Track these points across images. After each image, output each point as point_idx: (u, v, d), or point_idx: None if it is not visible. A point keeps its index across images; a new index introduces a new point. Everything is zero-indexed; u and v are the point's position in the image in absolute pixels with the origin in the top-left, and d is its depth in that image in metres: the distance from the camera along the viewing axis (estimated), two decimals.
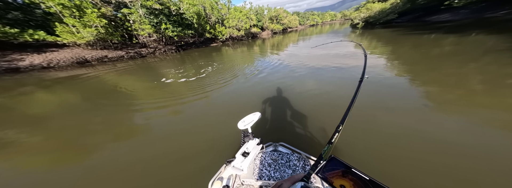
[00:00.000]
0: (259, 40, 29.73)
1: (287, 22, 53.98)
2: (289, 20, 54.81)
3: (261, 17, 47.29)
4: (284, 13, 52.97)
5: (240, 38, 35.09)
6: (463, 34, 9.80)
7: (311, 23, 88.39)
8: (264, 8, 48.64)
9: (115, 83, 8.05)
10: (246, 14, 35.90)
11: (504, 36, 7.95)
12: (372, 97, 4.01)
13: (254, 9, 46.00)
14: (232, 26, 33.11)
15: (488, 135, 2.50)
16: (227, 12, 34.43)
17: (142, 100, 5.68)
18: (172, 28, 21.56)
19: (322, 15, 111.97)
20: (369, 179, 0.48)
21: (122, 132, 3.85)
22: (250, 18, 37.92)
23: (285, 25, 54.22)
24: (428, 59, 6.42)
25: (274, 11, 50.59)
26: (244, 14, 34.62)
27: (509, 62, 4.92)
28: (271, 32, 47.45)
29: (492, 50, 6.37)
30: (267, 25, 47.85)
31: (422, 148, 2.43)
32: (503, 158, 2.10)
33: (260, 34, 42.65)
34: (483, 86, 3.89)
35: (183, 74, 8.84)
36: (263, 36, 39.92)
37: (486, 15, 15.00)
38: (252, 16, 39.60)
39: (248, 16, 37.28)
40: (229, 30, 32.77)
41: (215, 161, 2.42)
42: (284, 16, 52.78)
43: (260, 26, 46.25)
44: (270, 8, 50.04)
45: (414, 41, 10.14)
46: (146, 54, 18.87)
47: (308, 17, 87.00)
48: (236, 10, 35.11)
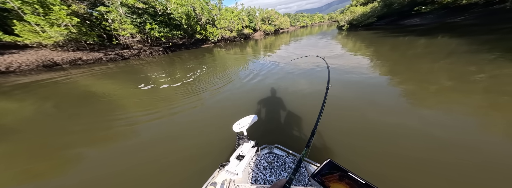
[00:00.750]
0: (252, 41, 29.01)
1: (278, 24, 53.46)
2: (280, 22, 54.33)
3: (253, 18, 46.31)
4: (276, 14, 52.37)
5: (233, 39, 33.77)
6: (432, 37, 10.61)
7: (301, 25, 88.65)
8: (256, 9, 47.70)
9: (90, 89, 7.24)
10: (238, 15, 34.66)
11: (463, 39, 8.90)
12: (359, 95, 4.21)
13: (245, 10, 44.97)
14: (224, 27, 31.70)
15: (460, 126, 2.71)
16: (218, 13, 33.04)
17: (120, 110, 4.95)
18: (159, 29, 19.68)
19: (311, 17, 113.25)
20: (365, 182, 0.47)
21: (99, 140, 3.48)
22: (242, 19, 36.73)
23: (277, 26, 53.63)
24: (406, 59, 6.86)
25: (266, 12, 49.78)
26: (235, 15, 33.36)
27: (469, 62, 5.47)
28: (263, 33, 46.52)
29: (455, 51, 6.98)
30: (259, 26, 46.91)
31: (407, 143, 2.49)
32: (473, 147, 2.26)
33: (252, 35, 41.54)
34: (452, 83, 4.25)
35: (166, 80, 7.77)
36: (256, 37, 39.49)
37: (448, 20, 16.44)
38: (244, 17, 38.50)
39: (240, 17, 36.04)
40: (221, 31, 31.33)
41: (207, 166, 2.32)
42: (276, 18, 52.18)
43: (253, 27, 45.22)
44: (262, 9, 49.21)
45: (392, 43, 10.75)
46: (129, 56, 16.82)
47: (298, 19, 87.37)
48: (228, 11, 33.81)
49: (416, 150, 2.32)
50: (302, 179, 1.35)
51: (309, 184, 1.31)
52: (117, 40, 17.09)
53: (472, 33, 9.98)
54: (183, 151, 2.85)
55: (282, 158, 1.57)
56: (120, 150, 3.07)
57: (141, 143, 3.18)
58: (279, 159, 1.56)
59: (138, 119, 4.13)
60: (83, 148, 3.20)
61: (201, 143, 3.01)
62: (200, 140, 3.09)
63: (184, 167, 2.48)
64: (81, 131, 3.82)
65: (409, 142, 2.49)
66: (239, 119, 1.59)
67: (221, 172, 1.45)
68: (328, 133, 2.79)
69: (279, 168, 1.46)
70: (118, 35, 17.05)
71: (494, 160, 2.02)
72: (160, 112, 4.42)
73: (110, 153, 3.01)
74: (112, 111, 4.73)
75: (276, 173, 1.41)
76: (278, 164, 1.50)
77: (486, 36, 8.87)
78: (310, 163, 1.52)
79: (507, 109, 2.95)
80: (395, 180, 1.96)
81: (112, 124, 4.05)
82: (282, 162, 1.52)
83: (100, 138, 3.52)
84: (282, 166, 1.48)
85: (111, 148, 3.19)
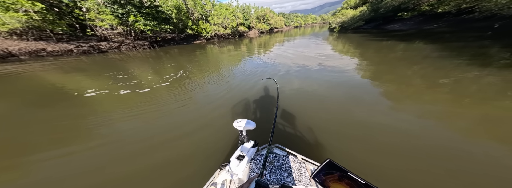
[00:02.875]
0: (246, 39, 27.40)
1: (273, 23, 51.61)
2: (275, 21, 52.46)
3: (248, 16, 44.19)
4: (271, 13, 50.39)
5: (227, 37, 31.79)
6: (410, 42, 10.99)
7: (295, 25, 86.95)
8: (251, 7, 45.50)
9: (55, 84, 6.27)
10: (233, 12, 32.54)
11: (436, 45, 9.33)
12: (347, 94, 4.35)
13: (240, 7, 42.69)
14: (218, 23, 29.52)
15: (429, 124, 2.91)
16: (212, 9, 30.74)
17: (97, 109, 4.20)
18: (144, 22, 17.30)
19: (305, 17, 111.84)
20: (364, 183, 0.46)
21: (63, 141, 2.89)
22: (236, 16, 34.58)
23: (272, 25, 51.79)
24: (387, 62, 7.10)
25: (261, 10, 47.66)
26: (230, 11, 31.24)
27: (440, 66, 5.76)
28: (258, 31, 44.58)
29: (429, 56, 7.28)
30: (254, 25, 44.85)
31: (389, 138, 2.57)
32: (442, 140, 2.49)
33: (247, 33, 39.59)
34: (425, 84, 4.49)
35: (153, 76, 6.71)
36: (250, 35, 37.73)
37: (424, 27, 17.18)
38: (238, 14, 36.40)
39: (235, 14, 33.89)
40: (214, 28, 29.17)
41: (208, 167, 2.22)
42: (271, 17, 50.23)
43: (247, 25, 43.19)
44: (257, 7, 47.06)
45: (376, 46, 11.00)
46: (108, 50, 14.44)
47: (292, 19, 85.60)
48: (222, 7, 31.60)
49: (402, 148, 2.39)
50: (303, 179, 1.31)
51: (309, 184, 1.28)
52: (93, 31, 14.59)
53: (443, 40, 10.39)
54: (181, 152, 2.63)
55: (282, 158, 1.52)
56: (93, 154, 2.62)
57: (129, 144, 2.80)
58: (280, 159, 1.51)
59: (123, 118, 3.60)
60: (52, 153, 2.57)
61: (198, 144, 2.79)
62: (197, 141, 2.85)
63: (183, 168, 2.29)
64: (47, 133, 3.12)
65: (387, 138, 2.58)
66: (236, 118, 1.52)
67: (221, 172, 1.41)
68: (326, 131, 2.83)
69: (279, 168, 1.42)
70: (94, 26, 14.54)
71: (451, 148, 2.35)
72: (149, 110, 3.91)
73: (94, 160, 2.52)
74: (86, 111, 4.00)
75: (277, 173, 1.37)
76: (278, 164, 1.46)
77: (455, 43, 9.26)
78: (310, 162, 1.49)
79: (467, 108, 3.30)
80: (380, 168, 2.07)
81: (87, 123, 3.47)
82: (283, 162, 1.47)
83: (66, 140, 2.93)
84: (283, 166, 1.44)
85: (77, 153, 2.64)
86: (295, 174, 1.33)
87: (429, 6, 12.92)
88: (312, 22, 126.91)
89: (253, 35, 37.58)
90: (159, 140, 2.86)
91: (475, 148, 2.30)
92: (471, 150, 2.27)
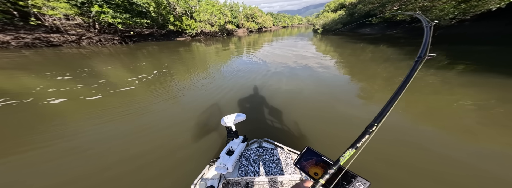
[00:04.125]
0: (235, 38, 26.18)
1: (262, 22, 50.04)
2: (264, 20, 50.94)
3: (237, 14, 42.05)
4: (259, 12, 48.73)
5: (214, 34, 29.55)
6: (377, 45, 12.14)
7: (283, 25, 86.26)
8: (239, 5, 43.41)
9: None
10: (220, 9, 30.16)
11: (395, 48, 10.25)
12: (328, 90, 4.67)
13: (228, 5, 40.35)
14: (204, 20, 27.05)
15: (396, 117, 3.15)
16: (197, 5, 28.12)
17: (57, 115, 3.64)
18: (113, 14, 14.39)
19: (292, 18, 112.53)
20: (341, 168, 0.47)
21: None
22: (224, 14, 32.34)
23: (261, 25, 50.21)
24: (360, 62, 7.63)
25: (250, 9, 45.72)
26: (217, 8, 28.88)
27: (398, 66, 6.48)
28: (247, 30, 42.68)
29: (390, 57, 7.95)
30: (243, 23, 42.84)
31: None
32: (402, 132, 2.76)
33: (235, 31, 37.51)
34: (389, 82, 4.97)
35: (125, 74, 6.16)
36: (239, 34, 36.03)
37: (387, 32, 19.32)
38: (226, 12, 34.23)
39: (222, 11, 31.56)
40: (201, 25, 26.66)
41: (198, 163, 2.17)
42: (259, 16, 48.56)
43: (236, 23, 41.05)
44: (245, 5, 45.09)
45: (351, 47, 11.99)
46: (62, 43, 11.42)
47: (280, 19, 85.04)
48: (208, 3, 29.14)
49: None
50: (289, 168, 1.35)
51: (295, 172, 1.32)
52: (40, 20, 11.38)
53: (400, 44, 11.70)
54: (168, 150, 2.51)
55: (270, 151, 1.53)
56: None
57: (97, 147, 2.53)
58: (268, 151, 1.52)
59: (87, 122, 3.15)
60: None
61: (186, 141, 2.69)
62: (184, 139, 2.74)
63: (172, 167, 2.21)
64: None
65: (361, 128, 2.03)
66: (225, 115, 1.45)
67: (211, 168, 1.40)
68: (308, 124, 3.02)
69: (268, 160, 1.44)
70: (41, 14, 11.36)
71: (405, 128, 2.84)
72: (129, 112, 3.52)
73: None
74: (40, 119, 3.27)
75: (266, 164, 1.39)
76: (267, 156, 1.47)
77: (408, 47, 10.37)
78: (295, 153, 1.54)
79: (414, 101, 3.71)
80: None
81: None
82: (271, 154, 1.49)
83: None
84: (271, 158, 1.46)
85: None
86: (282, 165, 1.38)
87: (390, 13, 14.30)
88: (298, 23, 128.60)
89: (242, 34, 35.91)
90: (144, 140, 2.70)
91: (420, 126, 2.90)
92: (418, 127, 2.87)
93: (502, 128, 2.66)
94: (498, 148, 2.28)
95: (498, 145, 2.33)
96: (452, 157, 2.17)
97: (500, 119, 2.90)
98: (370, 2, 18.27)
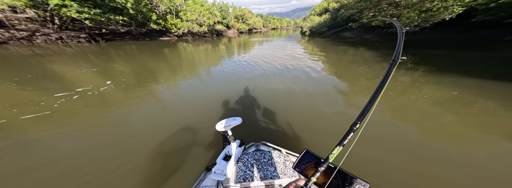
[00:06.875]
0: (225, 39, 24.56)
1: (252, 23, 48.20)
2: (254, 21, 49.15)
3: (226, 14, 39.75)
4: (249, 13, 46.83)
5: (203, 35, 27.28)
6: (356, 48, 12.56)
7: (272, 27, 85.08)
8: (229, 5, 41.08)
9: None
10: (209, 9, 27.84)
11: (371, 51, 10.62)
12: (318, 91, 4.61)
13: (218, 5, 37.87)
14: (191, 20, 24.63)
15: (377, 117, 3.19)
16: (183, 3, 25.52)
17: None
18: (79, 8, 11.69)
19: (281, 20, 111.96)
20: (334, 167, 0.47)
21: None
22: (213, 14, 30.02)
23: (251, 26, 48.41)
24: (342, 64, 8.02)
25: (240, 10, 43.54)
26: (206, 8, 26.57)
27: (376, 68, 6.69)
28: (237, 31, 40.60)
29: (368, 60, 8.32)
30: (233, 24, 40.69)
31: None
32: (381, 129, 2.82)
33: (226, 32, 35.31)
34: (368, 83, 5.10)
35: (97, 76, 5.50)
36: (229, 35, 34.02)
37: (365, 36, 20.27)
38: (216, 12, 31.90)
39: (211, 11, 29.21)
40: (188, 24, 24.21)
41: (194, 170, 2.01)
42: (249, 17, 46.67)
43: (226, 24, 38.78)
44: (235, 6, 42.85)
45: (335, 50, 12.30)
46: (7, 40, 8.72)
47: (270, 21, 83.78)
48: (196, 3, 26.70)
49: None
50: (288, 171, 1.29)
51: (293, 175, 1.26)
52: None
53: (376, 47, 12.14)
54: (160, 158, 2.28)
55: (268, 154, 1.46)
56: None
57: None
58: (266, 155, 1.45)
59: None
60: None
61: (179, 148, 2.47)
62: (175, 146, 2.51)
63: (165, 175, 2.00)
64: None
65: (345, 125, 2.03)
66: (221, 120, 1.35)
67: (208, 174, 1.32)
68: (303, 125, 2.97)
69: (266, 163, 1.36)
70: None
71: (379, 122, 3.00)
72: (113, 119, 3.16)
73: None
74: None
75: (264, 168, 1.32)
76: (265, 160, 1.40)
77: (382, 50, 10.85)
78: (293, 155, 1.47)
79: (390, 99, 3.92)
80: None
81: None
82: (269, 158, 1.42)
83: None
84: (269, 161, 1.38)
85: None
86: (280, 168, 1.32)
87: (367, 19, 14.81)
88: (286, 25, 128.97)
89: (232, 35, 33.92)
90: (137, 147, 2.48)
91: (395, 123, 3.08)
92: (393, 123, 3.07)
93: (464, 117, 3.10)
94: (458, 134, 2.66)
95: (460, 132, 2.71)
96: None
97: (458, 111, 3.31)
98: (350, 8, 19.09)
